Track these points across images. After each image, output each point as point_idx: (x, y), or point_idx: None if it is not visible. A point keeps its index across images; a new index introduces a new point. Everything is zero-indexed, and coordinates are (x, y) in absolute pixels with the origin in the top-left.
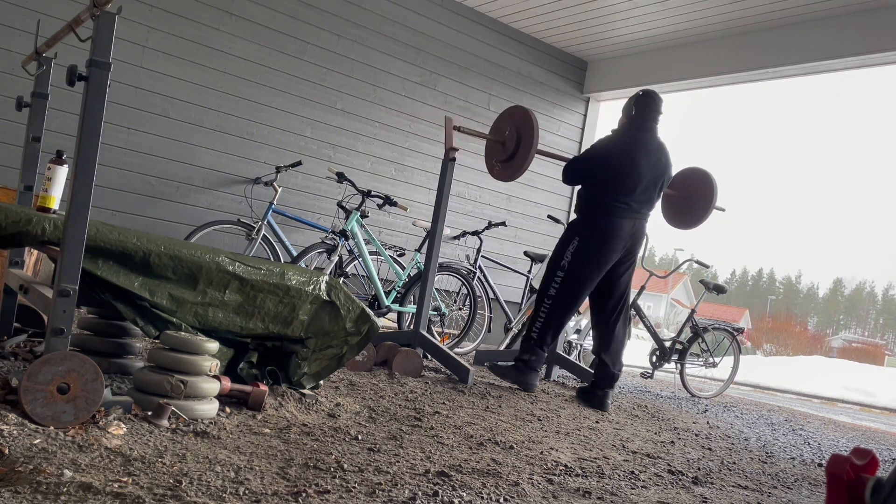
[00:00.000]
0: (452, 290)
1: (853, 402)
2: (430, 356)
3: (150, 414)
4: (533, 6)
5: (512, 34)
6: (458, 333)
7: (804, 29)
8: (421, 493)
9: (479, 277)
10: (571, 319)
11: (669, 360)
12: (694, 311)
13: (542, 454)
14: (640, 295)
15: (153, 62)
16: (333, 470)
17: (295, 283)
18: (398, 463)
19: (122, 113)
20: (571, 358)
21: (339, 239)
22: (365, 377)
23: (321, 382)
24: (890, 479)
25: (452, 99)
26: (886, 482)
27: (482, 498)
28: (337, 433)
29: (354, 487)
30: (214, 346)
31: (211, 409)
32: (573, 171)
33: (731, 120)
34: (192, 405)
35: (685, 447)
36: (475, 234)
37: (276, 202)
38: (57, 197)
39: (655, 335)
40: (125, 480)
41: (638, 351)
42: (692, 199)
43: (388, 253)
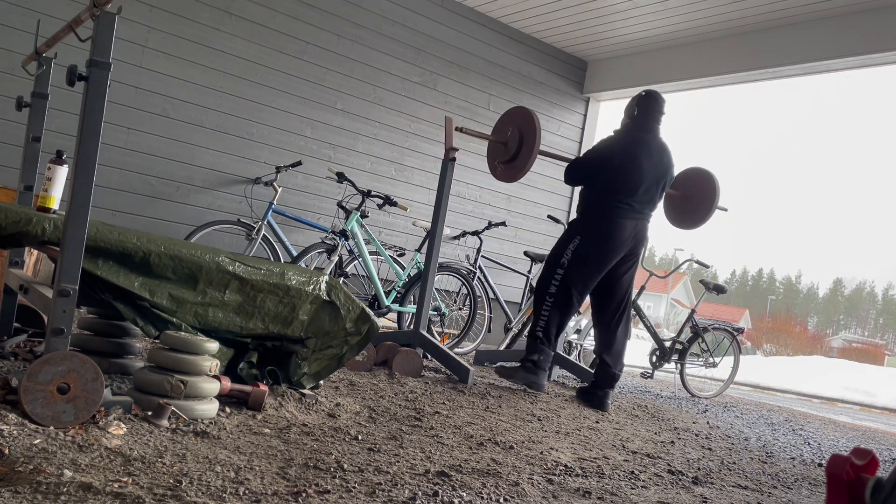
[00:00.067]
0: (452, 290)
1: (853, 402)
2: (430, 356)
3: (150, 414)
4: (533, 6)
5: (512, 34)
6: (458, 333)
7: (804, 29)
8: (421, 493)
9: (479, 277)
10: (571, 319)
11: (669, 360)
12: (694, 311)
13: (542, 454)
14: (640, 295)
15: (153, 62)
16: (333, 470)
17: (295, 283)
18: (398, 463)
19: (122, 113)
20: (571, 358)
21: (339, 239)
22: (365, 377)
23: (321, 382)
24: (890, 479)
25: (452, 99)
26: (886, 482)
27: (482, 498)
28: (337, 433)
29: (354, 487)
30: (214, 346)
31: (211, 409)
32: (575, 171)
33: (731, 120)
34: (192, 405)
35: (685, 447)
36: (475, 234)
37: (276, 202)
38: (57, 197)
39: (655, 335)
40: (125, 480)
41: (638, 351)
42: (695, 199)
43: (388, 253)
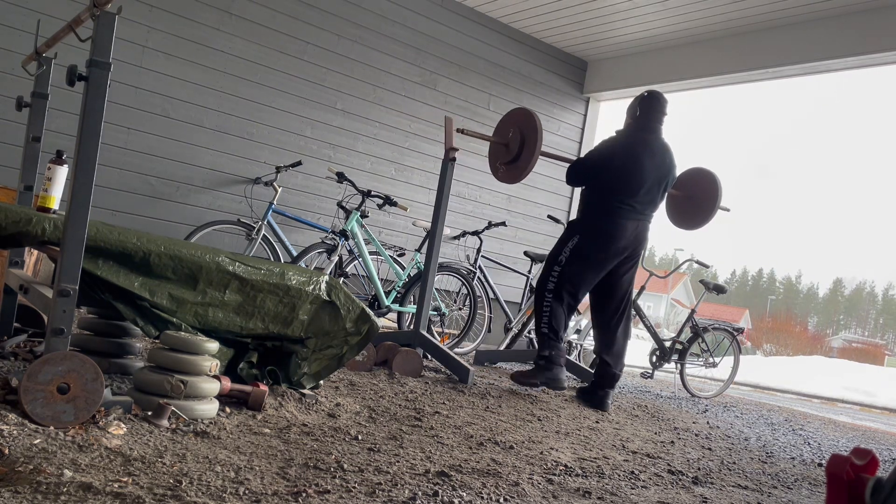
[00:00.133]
0: (452, 290)
1: (853, 402)
2: (430, 356)
3: (150, 414)
4: (533, 6)
5: (512, 34)
6: (458, 333)
7: (804, 29)
8: (421, 493)
9: (479, 277)
10: (571, 320)
11: (669, 360)
12: (694, 311)
13: (542, 454)
14: (640, 295)
15: (153, 62)
16: (333, 470)
17: (295, 283)
18: (398, 463)
19: (122, 113)
20: (571, 358)
21: (339, 239)
22: (365, 377)
23: (321, 382)
24: (890, 479)
25: (452, 99)
26: (886, 482)
27: (482, 498)
28: (337, 433)
29: (354, 487)
30: (214, 346)
31: (211, 409)
32: (577, 172)
33: (731, 120)
34: (192, 405)
35: (685, 447)
36: (475, 234)
37: (276, 202)
38: (57, 197)
39: (655, 335)
40: (125, 480)
41: (638, 351)
42: (696, 199)
43: (388, 253)
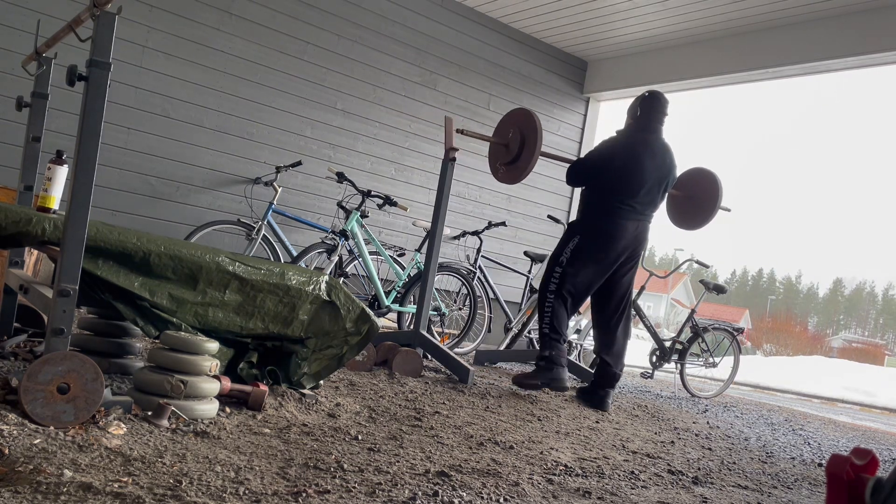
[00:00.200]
0: (452, 290)
1: (853, 402)
2: (430, 356)
3: (150, 414)
4: (533, 6)
5: (512, 34)
6: (458, 333)
7: (804, 29)
8: (421, 493)
9: (479, 277)
10: (571, 320)
11: (669, 360)
12: (694, 311)
13: (542, 454)
14: (640, 295)
15: (153, 62)
16: (333, 470)
17: (295, 283)
18: (398, 463)
19: (122, 113)
20: (571, 358)
21: (339, 239)
22: (365, 377)
23: (321, 382)
24: (890, 479)
25: (452, 99)
26: (886, 482)
27: (482, 498)
28: (337, 433)
29: (354, 487)
30: (214, 346)
31: (211, 409)
32: (577, 172)
33: (731, 120)
34: (192, 405)
35: (685, 447)
36: (475, 234)
37: (276, 202)
38: (57, 197)
39: (655, 335)
40: (125, 480)
41: (638, 351)
42: (697, 199)
43: (388, 253)
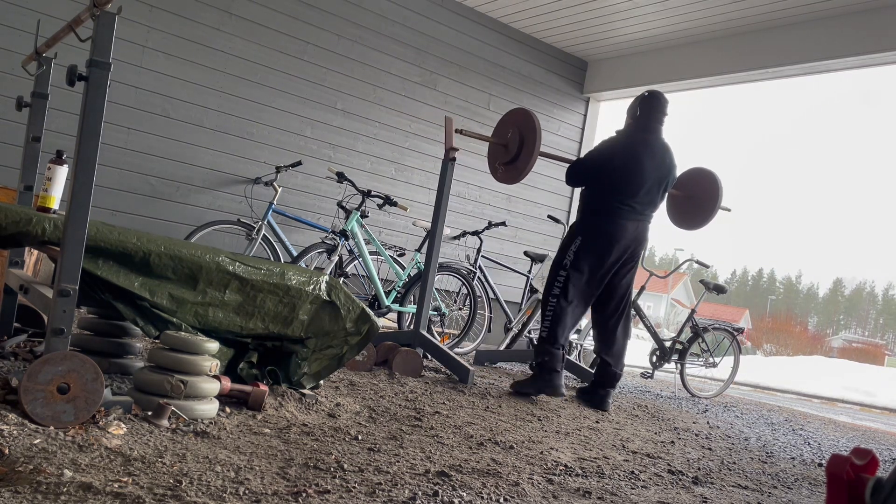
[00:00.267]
0: (452, 290)
1: (853, 402)
2: (430, 356)
3: (150, 414)
4: (533, 6)
5: (512, 34)
6: (458, 333)
7: (804, 29)
8: (421, 493)
9: (479, 277)
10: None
11: (669, 360)
12: (694, 311)
13: (542, 454)
14: (640, 295)
15: (153, 62)
16: (333, 470)
17: (295, 283)
18: (398, 463)
19: (122, 113)
20: (571, 358)
21: (339, 239)
22: (365, 377)
23: (321, 382)
24: (890, 479)
25: (452, 99)
26: (886, 482)
27: (482, 498)
28: (337, 433)
29: (354, 487)
30: (214, 346)
31: (211, 409)
32: (577, 172)
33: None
34: (192, 405)
35: (685, 447)
36: (475, 234)
37: (276, 202)
38: (57, 197)
39: (655, 335)
40: (125, 480)
41: (638, 351)
42: (697, 199)
43: (388, 253)
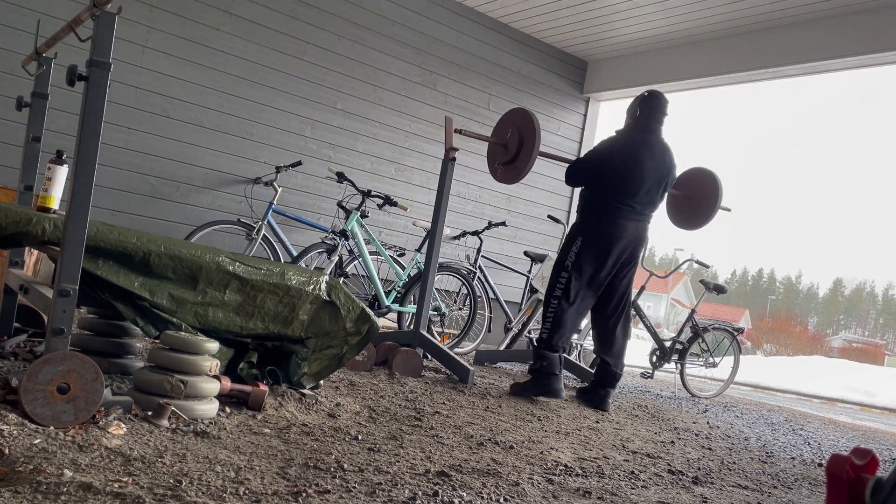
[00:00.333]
0: (452, 290)
1: (853, 402)
2: (430, 356)
3: (150, 414)
4: (533, 6)
5: (512, 34)
6: (458, 333)
7: (804, 29)
8: (421, 492)
9: (479, 277)
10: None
11: (669, 360)
12: (694, 311)
13: (542, 454)
14: (640, 295)
15: (153, 62)
16: (333, 470)
17: (295, 283)
18: (398, 463)
19: (122, 113)
20: (571, 358)
21: (339, 239)
22: (365, 377)
23: (321, 382)
24: (890, 479)
25: (452, 99)
26: (886, 482)
27: (482, 498)
28: (337, 433)
29: (354, 487)
30: (214, 346)
31: (211, 409)
32: (576, 172)
33: (731, 120)
34: (192, 405)
35: (685, 447)
36: (475, 234)
37: (276, 202)
38: (57, 197)
39: (655, 335)
40: (125, 480)
41: (638, 351)
42: (697, 199)
43: (388, 253)
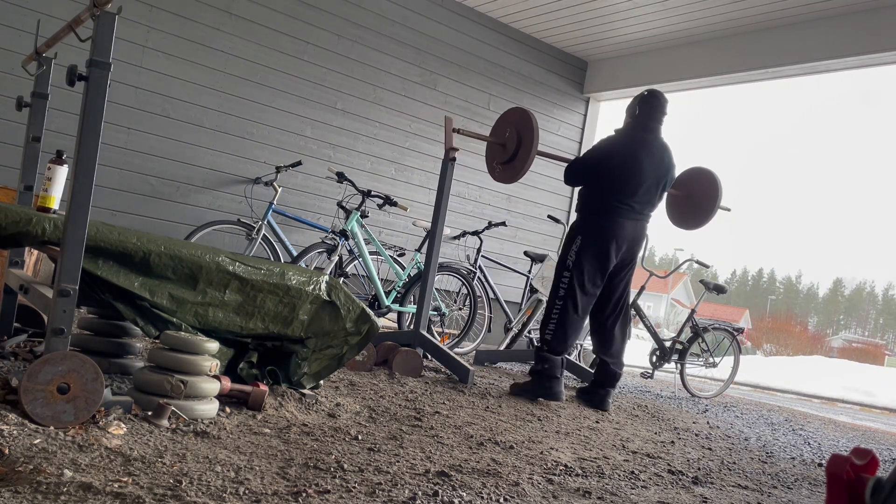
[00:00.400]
0: (452, 290)
1: (853, 402)
2: (430, 356)
3: (150, 414)
4: (533, 6)
5: (512, 34)
6: (458, 333)
7: (804, 29)
8: (421, 492)
9: (479, 277)
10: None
11: (669, 360)
12: (694, 311)
13: (542, 454)
14: (640, 295)
15: (153, 62)
16: (333, 470)
17: (295, 282)
18: (398, 463)
19: (122, 113)
20: (571, 358)
21: (339, 239)
22: (365, 377)
23: (321, 382)
24: (890, 479)
25: (452, 99)
26: (886, 482)
27: (482, 498)
28: (337, 433)
29: (354, 487)
30: (214, 346)
31: (211, 409)
32: (574, 171)
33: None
34: (192, 405)
35: (685, 447)
36: (475, 234)
37: (276, 202)
38: (57, 197)
39: (655, 335)
40: (125, 480)
41: (638, 351)
42: (696, 198)
43: (388, 253)
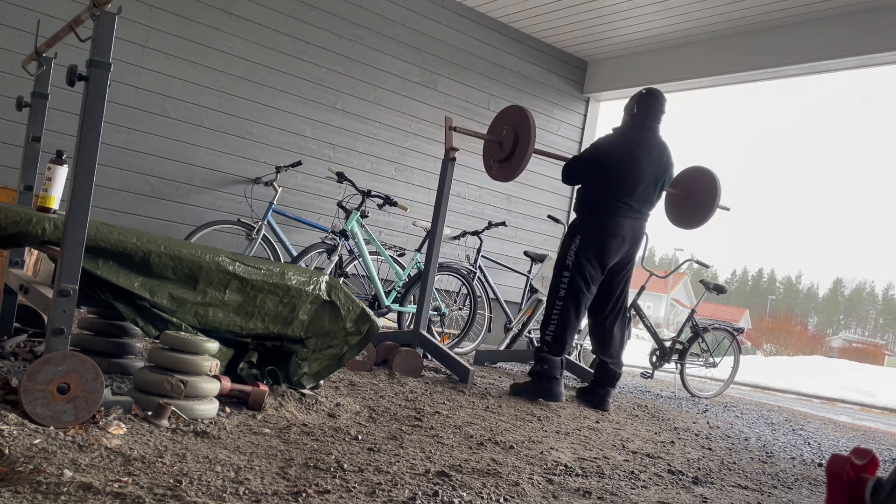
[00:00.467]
0: (452, 290)
1: (853, 402)
2: (430, 356)
3: (150, 414)
4: (533, 6)
5: (512, 34)
6: (458, 333)
7: (804, 29)
8: (421, 492)
9: (479, 277)
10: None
11: (669, 360)
12: (694, 311)
13: (542, 454)
14: (640, 295)
15: (153, 62)
16: (333, 470)
17: (295, 283)
18: (398, 463)
19: (122, 113)
20: (571, 358)
21: (339, 239)
22: (365, 377)
23: (321, 382)
24: (890, 479)
25: (452, 99)
26: (886, 482)
27: (482, 498)
28: (337, 433)
29: (354, 487)
30: (214, 346)
31: (211, 409)
32: (572, 170)
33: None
34: (192, 405)
35: (685, 447)
36: (475, 234)
37: (276, 202)
38: (57, 197)
39: (655, 335)
40: (125, 480)
41: (638, 351)
42: (695, 198)
43: (388, 253)
